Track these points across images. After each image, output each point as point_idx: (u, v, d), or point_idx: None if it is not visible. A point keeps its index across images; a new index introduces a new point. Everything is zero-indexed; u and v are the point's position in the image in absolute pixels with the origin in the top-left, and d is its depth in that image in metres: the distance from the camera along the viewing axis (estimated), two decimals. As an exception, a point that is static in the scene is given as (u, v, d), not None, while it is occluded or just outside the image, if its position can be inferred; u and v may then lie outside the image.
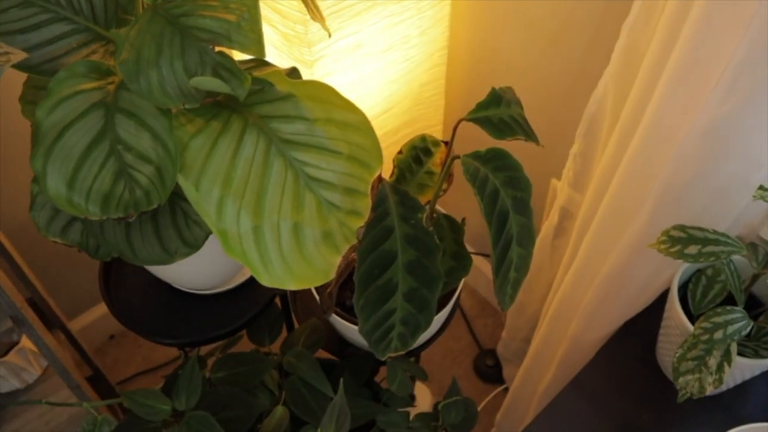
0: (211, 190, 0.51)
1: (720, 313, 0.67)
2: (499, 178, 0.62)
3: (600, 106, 0.83)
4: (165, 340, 0.76)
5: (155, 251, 0.58)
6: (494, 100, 0.65)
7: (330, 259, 0.54)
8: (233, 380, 0.72)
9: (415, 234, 0.61)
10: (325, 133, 0.54)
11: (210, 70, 0.50)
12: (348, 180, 0.55)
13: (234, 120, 0.53)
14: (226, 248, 0.51)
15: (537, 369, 1.04)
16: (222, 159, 0.52)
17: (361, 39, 0.92)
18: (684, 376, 0.71)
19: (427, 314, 0.63)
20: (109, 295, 0.78)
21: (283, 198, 0.53)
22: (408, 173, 0.72)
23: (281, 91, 0.54)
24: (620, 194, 0.75)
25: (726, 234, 0.69)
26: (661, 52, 0.66)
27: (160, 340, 0.76)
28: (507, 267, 0.63)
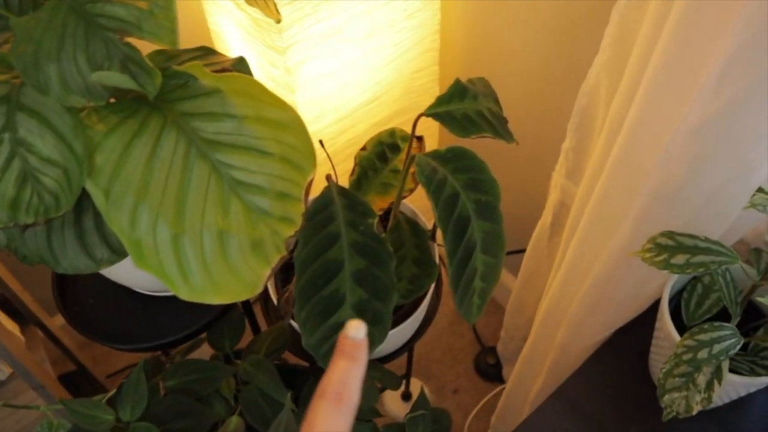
0: (125, 196, 0.47)
1: (707, 329, 0.60)
2: (459, 180, 0.57)
3: (591, 98, 0.76)
4: (121, 346, 0.73)
5: (79, 258, 0.54)
6: (457, 93, 0.59)
7: (258, 270, 0.49)
8: (186, 388, 0.69)
9: (365, 241, 0.55)
10: (254, 133, 0.49)
11: (118, 64, 0.45)
12: (280, 183, 0.50)
13: (152, 118, 0.48)
14: (137, 259, 0.47)
15: (528, 374, 0.98)
16: (137, 162, 0.47)
17: (339, 24, 0.86)
18: (670, 393, 0.65)
19: (382, 328, 0.58)
20: (63, 300, 0.75)
21: (206, 204, 0.49)
22: (371, 171, 0.67)
23: (207, 85, 0.49)
24: (605, 198, 0.69)
25: (719, 242, 0.62)
26: (647, 43, 0.59)
27: (116, 345, 0.73)
28: (470, 276, 0.58)
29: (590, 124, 0.79)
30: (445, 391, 1.31)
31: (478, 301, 0.60)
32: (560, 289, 0.82)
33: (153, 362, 0.75)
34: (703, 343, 0.60)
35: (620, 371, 0.78)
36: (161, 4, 0.46)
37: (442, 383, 1.32)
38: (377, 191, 0.66)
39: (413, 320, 0.70)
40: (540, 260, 1.03)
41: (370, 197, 0.66)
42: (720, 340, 0.60)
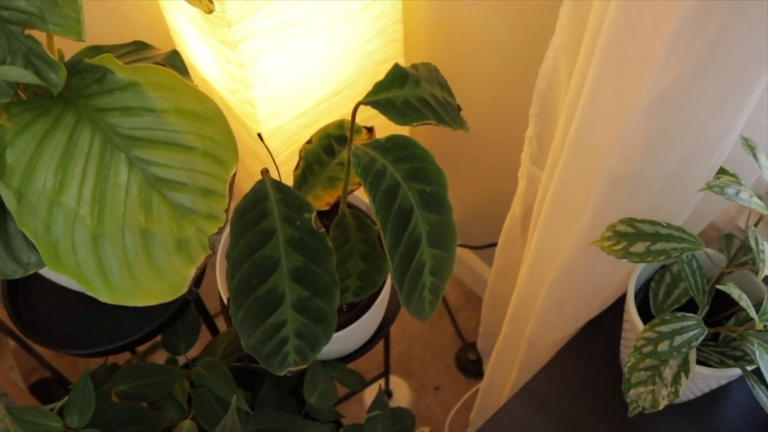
0: (39, 198, 0.45)
1: (668, 320, 0.58)
2: (401, 170, 0.54)
3: (550, 82, 0.74)
4: (76, 351, 0.71)
5: (5, 264, 0.52)
6: (397, 79, 0.56)
7: (184, 270, 0.47)
8: (137, 393, 0.67)
9: (301, 237, 0.53)
10: (174, 126, 0.47)
11: (21, 58, 0.43)
12: (203, 179, 0.47)
13: (66, 115, 0.46)
14: (52, 263, 0.45)
15: (501, 370, 0.96)
16: (50, 161, 0.45)
17: (295, 15, 0.83)
18: (635, 387, 0.63)
19: (326, 326, 0.56)
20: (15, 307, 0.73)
21: (126, 203, 0.46)
22: (317, 165, 0.64)
23: (123, 79, 0.47)
24: (564, 186, 0.66)
25: (681, 228, 0.60)
26: (597, 22, 0.56)
27: (71, 351, 0.71)
28: (417, 271, 0.55)
29: (552, 110, 0.76)
30: (426, 388, 1.29)
31: (430, 296, 0.58)
32: (527, 282, 0.80)
33: (106, 368, 0.73)
34: (663, 335, 0.57)
35: (590, 366, 0.75)
36: (66, -7, 0.43)
37: (423, 380, 1.30)
38: (324, 185, 0.64)
39: (370, 317, 0.68)
40: (514, 253, 1.01)
41: (317, 192, 0.64)
42: (682, 331, 0.58)
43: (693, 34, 0.47)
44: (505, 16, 0.89)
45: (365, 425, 0.68)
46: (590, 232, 0.65)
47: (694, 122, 0.53)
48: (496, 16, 0.90)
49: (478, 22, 0.94)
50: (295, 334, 0.55)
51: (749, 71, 0.47)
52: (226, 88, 0.93)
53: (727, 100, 0.49)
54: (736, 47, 0.45)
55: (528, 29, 0.88)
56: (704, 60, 0.48)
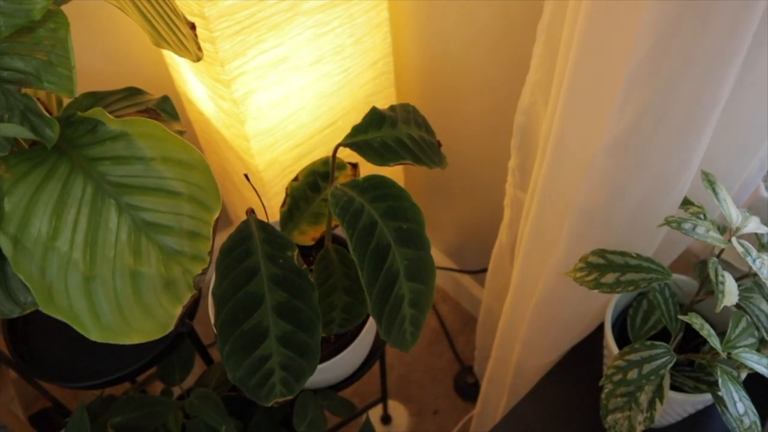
0: (35, 243, 0.48)
1: (638, 349, 0.60)
2: (378, 209, 0.57)
3: (529, 116, 0.76)
4: (71, 384, 0.74)
5: (3, 304, 0.55)
6: (374, 121, 0.59)
7: (171, 309, 0.50)
8: (133, 425, 0.69)
9: (284, 274, 0.56)
10: (161, 173, 0.50)
11: (18, 115, 0.46)
12: (189, 222, 0.50)
13: (60, 165, 0.49)
14: (46, 305, 0.47)
15: (493, 395, 0.98)
16: (45, 208, 0.48)
17: (285, 52, 0.87)
18: (613, 413, 0.65)
19: (310, 358, 0.58)
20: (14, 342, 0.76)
21: (117, 247, 0.49)
22: (302, 202, 0.67)
23: (113, 129, 0.50)
24: (541, 216, 0.69)
25: (650, 259, 0.62)
26: (564, 62, 0.59)
27: (67, 384, 0.74)
28: (396, 304, 0.58)
29: (532, 142, 0.79)
30: (425, 412, 1.30)
31: (411, 328, 0.60)
32: (512, 308, 0.82)
33: (102, 400, 0.76)
34: (632, 363, 0.59)
35: (575, 391, 0.77)
36: (60, 53, 0.47)
37: (422, 404, 1.31)
38: (309, 221, 0.67)
39: (356, 347, 0.70)
40: (505, 279, 1.03)
41: (303, 227, 0.67)
42: (651, 359, 0.60)
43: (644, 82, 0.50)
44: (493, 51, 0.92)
45: (353, 452, 0.70)
46: (566, 262, 0.67)
47: (651, 161, 0.56)
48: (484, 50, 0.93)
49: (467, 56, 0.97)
50: (280, 366, 0.58)
51: (700, 114, 0.49)
52: (222, 123, 0.96)
53: (681, 140, 0.52)
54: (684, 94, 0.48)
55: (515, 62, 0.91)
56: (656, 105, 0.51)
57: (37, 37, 0.47)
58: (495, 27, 0.89)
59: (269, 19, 0.83)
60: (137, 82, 0.80)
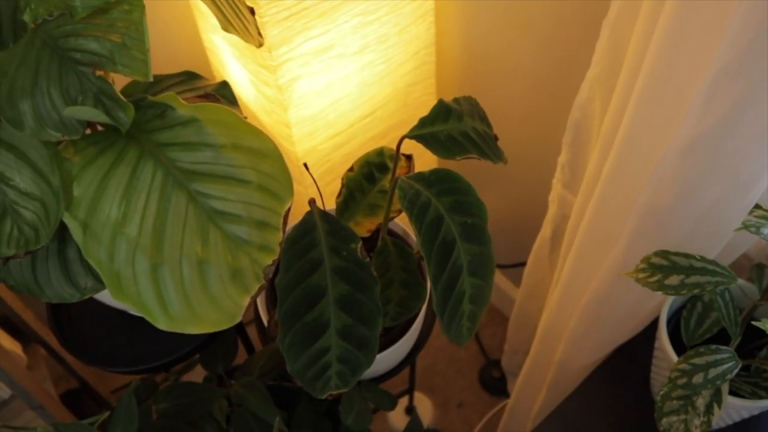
0: (103, 229, 0.47)
1: (703, 353, 0.59)
2: (444, 203, 0.56)
3: (584, 112, 0.75)
4: (115, 369, 0.73)
5: (63, 288, 0.54)
6: (441, 114, 0.58)
7: (238, 300, 0.49)
8: (178, 411, 0.68)
9: (347, 267, 0.55)
10: (231, 161, 0.49)
11: (91, 98, 0.45)
12: (258, 212, 0.49)
13: (129, 149, 0.48)
14: (115, 292, 0.47)
15: (529, 390, 0.97)
16: (114, 193, 0.47)
17: (331, 40, 0.86)
18: (668, 416, 0.64)
19: (368, 352, 0.57)
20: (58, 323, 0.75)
21: (185, 234, 0.48)
22: (358, 193, 0.66)
23: (183, 115, 0.49)
24: (599, 216, 0.67)
25: (715, 262, 0.61)
26: (636, 59, 0.58)
27: (111, 368, 0.73)
28: (457, 300, 0.57)
29: (585, 139, 0.78)
30: (450, 404, 1.30)
31: (468, 323, 0.59)
32: (558, 306, 0.81)
33: (147, 384, 0.75)
34: (698, 367, 0.58)
35: (620, 391, 0.76)
36: (134, 36, 0.45)
37: (447, 396, 1.31)
38: (365, 213, 0.66)
39: (406, 341, 0.69)
40: (542, 274, 1.02)
41: (358, 219, 0.66)
42: (716, 363, 0.59)
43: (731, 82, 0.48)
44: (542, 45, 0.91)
45: (400, 447, 0.69)
46: (624, 262, 0.66)
47: (728, 165, 0.54)
48: (528, 41, 0.92)
49: (510, 46, 0.96)
50: (338, 359, 0.57)
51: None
52: (262, 109, 0.95)
53: (762, 144, 0.50)
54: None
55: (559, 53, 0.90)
56: (740, 106, 0.49)
57: (111, 18, 0.46)
58: (544, 22, 0.87)
59: (317, 6, 0.81)
60: (175, 68, 0.79)
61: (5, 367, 0.80)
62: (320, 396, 0.58)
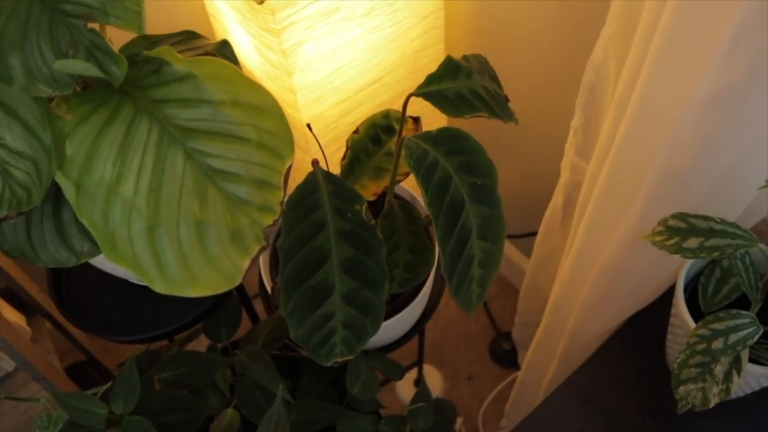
0: (97, 188, 0.45)
1: (723, 318, 0.57)
2: (453, 163, 0.54)
3: (599, 73, 0.72)
4: (117, 338, 0.72)
5: (58, 252, 0.52)
6: (449, 71, 0.56)
7: (238, 261, 0.47)
8: (180, 381, 0.67)
9: (352, 229, 0.53)
10: (230, 118, 0.47)
11: (83, 51, 0.43)
12: (258, 171, 0.47)
13: (123, 106, 0.46)
14: (110, 253, 0.45)
15: (540, 361, 0.95)
16: (108, 152, 0.45)
17: (337, 2, 0.83)
18: (685, 384, 0.62)
19: (374, 318, 0.56)
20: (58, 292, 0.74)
21: (182, 194, 0.47)
22: (363, 155, 0.64)
23: (179, 70, 0.47)
24: (614, 179, 0.65)
25: (735, 224, 0.58)
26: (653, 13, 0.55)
27: (113, 338, 0.72)
28: (466, 264, 0.55)
29: (599, 101, 0.75)
30: (460, 377, 1.29)
31: (478, 289, 0.57)
32: (570, 274, 0.79)
33: (149, 354, 0.74)
34: (717, 333, 0.56)
35: (634, 360, 0.74)
36: (126, -16, 0.43)
37: (457, 369, 1.30)
38: (370, 176, 0.64)
39: (414, 308, 0.68)
40: (554, 243, 1.00)
41: (363, 182, 0.64)
42: (737, 329, 0.56)
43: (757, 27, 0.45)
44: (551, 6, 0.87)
45: (408, 416, 0.68)
46: (640, 226, 0.63)
47: (753, 118, 0.52)
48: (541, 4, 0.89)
49: (519, 7, 0.93)
50: (343, 325, 0.55)
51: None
52: (267, 75, 0.93)
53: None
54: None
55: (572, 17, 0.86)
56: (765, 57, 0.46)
57: (101, -34, 0.44)
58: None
59: (322, -35, 0.78)
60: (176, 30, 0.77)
61: (9, 339, 0.79)
62: (325, 363, 0.57)
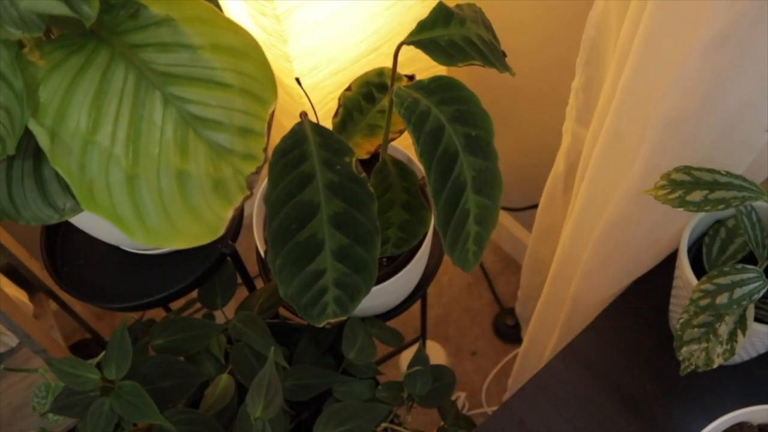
0: (73, 137, 0.44)
1: (727, 272, 0.55)
2: (445, 112, 0.52)
3: (600, 29, 0.70)
4: (112, 305, 0.71)
5: (41, 209, 0.51)
6: (441, 17, 0.54)
7: (221, 212, 0.46)
8: (174, 347, 0.66)
9: (341, 182, 0.51)
10: (210, 63, 0.45)
11: (53, -11, 0.41)
12: (241, 118, 0.46)
13: (99, 52, 0.45)
14: (87, 203, 0.43)
15: (542, 333, 0.94)
16: (83, 99, 0.44)
17: (331, -36, 0.81)
18: (688, 345, 0.60)
19: (367, 276, 0.54)
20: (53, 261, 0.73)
21: (162, 143, 0.45)
22: (356, 113, 0.62)
23: (157, 14, 0.45)
24: (615, 133, 0.63)
25: (742, 177, 0.56)
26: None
27: (107, 305, 0.71)
28: (461, 219, 0.53)
29: (600, 59, 0.73)
30: (464, 353, 1.27)
31: (474, 247, 0.56)
32: (571, 238, 0.77)
33: (144, 323, 0.73)
34: (722, 287, 0.54)
35: (636, 325, 0.72)
36: None
37: (460, 345, 1.28)
38: (363, 133, 0.62)
39: (411, 269, 0.66)
40: (555, 214, 0.98)
41: (356, 140, 0.62)
42: (742, 283, 0.54)
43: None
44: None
45: (405, 381, 0.66)
46: (643, 180, 0.61)
47: (759, 59, 0.49)
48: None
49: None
50: (334, 283, 0.54)
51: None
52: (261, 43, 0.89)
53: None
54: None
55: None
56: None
57: None
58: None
59: (315, -76, 0.76)
60: None
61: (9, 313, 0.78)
62: (317, 324, 0.55)
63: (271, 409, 0.54)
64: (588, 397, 0.69)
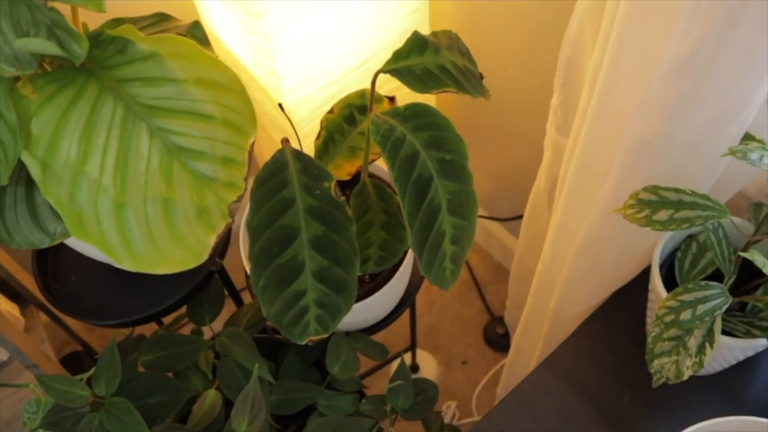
0: (64, 167, 0.46)
1: (691, 289, 0.57)
2: (420, 138, 0.54)
3: (575, 49, 0.72)
4: (100, 321, 0.73)
5: (33, 233, 0.53)
6: (416, 46, 0.56)
7: (204, 238, 0.48)
8: (162, 363, 0.68)
9: (321, 206, 0.53)
10: (194, 96, 0.48)
11: (45, 30, 0.44)
12: (223, 148, 0.48)
13: (88, 86, 0.47)
14: (77, 231, 0.46)
15: (526, 343, 0.96)
16: (74, 131, 0.46)
17: (318, -17, 0.83)
18: (659, 358, 0.62)
19: (346, 295, 0.56)
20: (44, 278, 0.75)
21: (148, 172, 0.47)
22: (338, 135, 0.64)
23: (144, 49, 0.47)
24: (588, 152, 0.65)
25: (706, 196, 0.59)
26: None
27: (97, 322, 0.73)
28: (437, 240, 0.55)
29: (577, 77, 0.75)
30: (454, 362, 1.29)
31: (451, 265, 0.58)
32: (551, 252, 0.79)
33: (134, 339, 0.75)
34: (685, 304, 0.56)
35: (615, 337, 0.75)
36: (86, -37, 0.44)
37: (451, 354, 1.30)
38: (345, 155, 0.64)
39: (392, 287, 0.68)
40: (541, 226, 1.00)
41: (338, 161, 0.64)
42: (705, 300, 0.57)
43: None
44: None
45: (387, 395, 0.68)
46: (614, 199, 0.64)
47: (716, 87, 0.52)
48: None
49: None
50: (315, 303, 0.56)
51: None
52: (251, 60, 0.93)
53: (751, 63, 0.48)
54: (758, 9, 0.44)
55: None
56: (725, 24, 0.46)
57: (61, -54, 0.44)
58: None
59: (302, -54, 0.79)
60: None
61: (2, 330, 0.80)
62: (300, 342, 0.57)
63: (255, 424, 0.56)
64: (567, 408, 0.71)
